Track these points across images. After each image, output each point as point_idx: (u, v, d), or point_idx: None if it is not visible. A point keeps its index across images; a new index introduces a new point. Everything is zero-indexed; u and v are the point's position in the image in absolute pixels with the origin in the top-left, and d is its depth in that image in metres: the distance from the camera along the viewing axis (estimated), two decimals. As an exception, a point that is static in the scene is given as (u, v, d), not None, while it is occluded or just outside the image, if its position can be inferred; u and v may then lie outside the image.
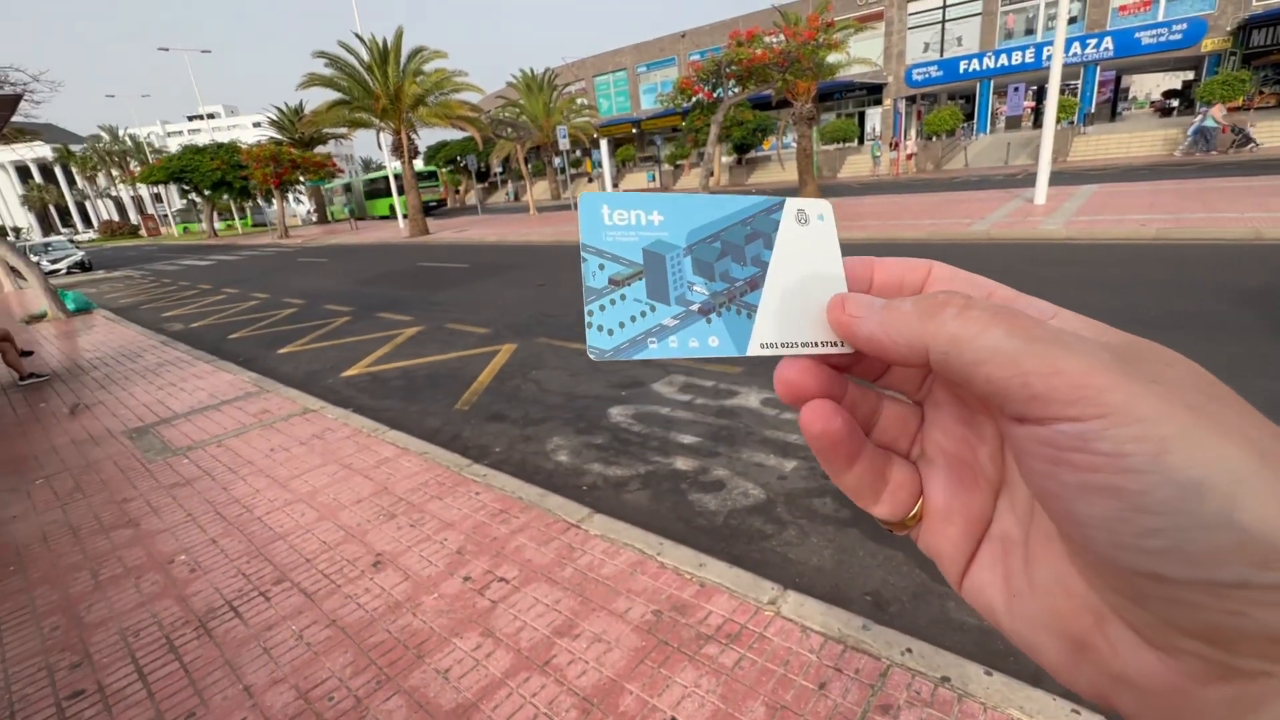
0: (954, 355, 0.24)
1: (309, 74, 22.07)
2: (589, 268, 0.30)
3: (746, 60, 12.56)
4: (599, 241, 0.31)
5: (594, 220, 0.31)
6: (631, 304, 0.30)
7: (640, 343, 0.30)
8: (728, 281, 0.32)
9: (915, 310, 0.26)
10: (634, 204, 0.32)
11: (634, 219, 0.31)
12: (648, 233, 0.31)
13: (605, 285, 0.30)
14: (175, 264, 24.30)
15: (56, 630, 2.80)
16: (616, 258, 0.31)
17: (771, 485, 3.60)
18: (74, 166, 59.10)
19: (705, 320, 0.31)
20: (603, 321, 0.30)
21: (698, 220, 0.32)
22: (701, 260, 0.32)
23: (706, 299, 0.32)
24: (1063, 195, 13.64)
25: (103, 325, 11.28)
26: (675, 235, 0.32)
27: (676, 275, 0.31)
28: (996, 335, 0.23)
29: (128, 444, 5.06)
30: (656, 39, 37.20)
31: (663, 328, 0.31)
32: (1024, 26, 27.00)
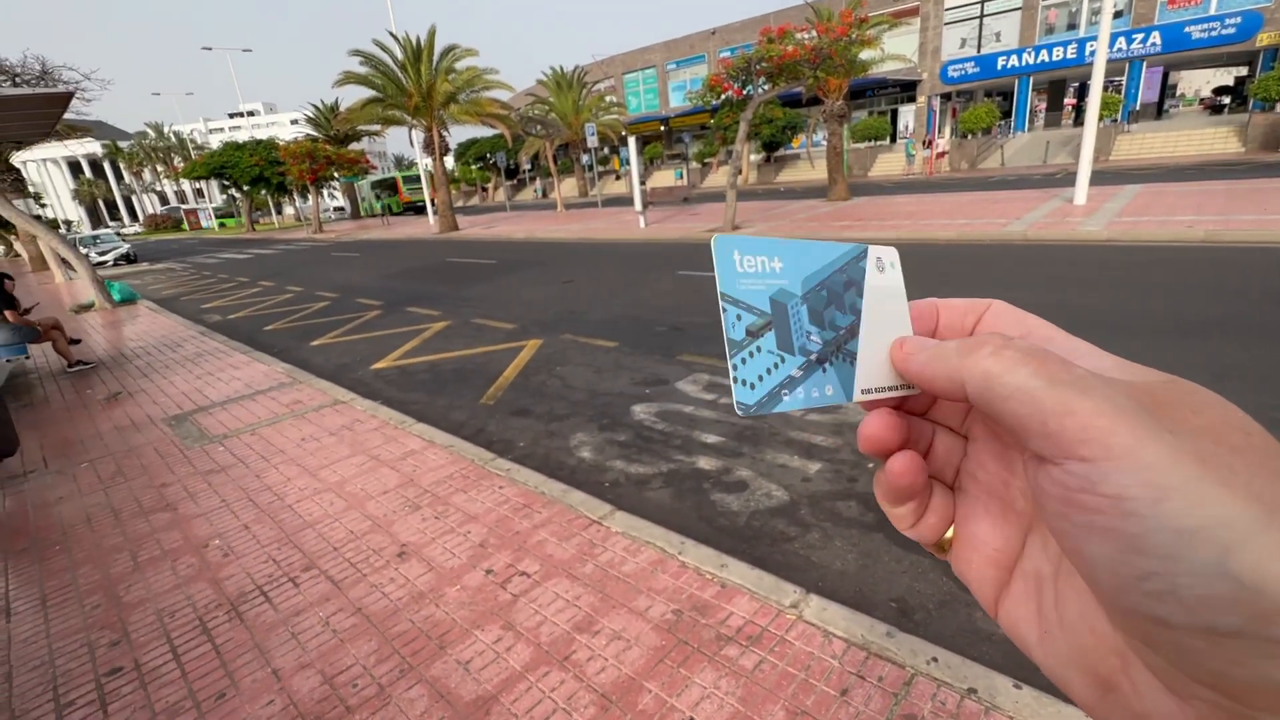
0: (986, 390, 0.26)
1: (345, 72, 22.51)
2: (729, 319, 0.31)
3: (777, 57, 12.41)
4: (735, 290, 0.31)
5: (728, 267, 0.31)
6: (766, 356, 0.31)
7: (776, 396, 0.31)
8: (834, 330, 0.33)
9: (957, 349, 0.28)
10: (760, 249, 0.32)
11: (760, 265, 0.32)
12: (772, 280, 0.32)
13: (744, 338, 0.31)
14: (215, 257, 25.03)
15: (97, 609, 2.91)
16: (751, 308, 0.31)
17: (795, 487, 3.56)
18: (121, 162, 61.32)
19: (822, 370, 0.32)
20: (746, 375, 0.31)
21: (809, 267, 0.33)
22: (814, 309, 0.33)
23: (821, 348, 0.33)
24: (1104, 195, 13.21)
25: (146, 315, 11.68)
26: (793, 283, 0.33)
27: (798, 325, 0.32)
28: (1023, 374, 0.24)
29: (167, 431, 5.23)
30: (686, 36, 37.04)
31: (791, 379, 0.32)
32: (1066, 21, 26.20)
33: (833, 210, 16.29)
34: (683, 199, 25.66)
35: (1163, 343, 5.06)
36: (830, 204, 17.84)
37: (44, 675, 2.50)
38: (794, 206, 18.48)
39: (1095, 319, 5.80)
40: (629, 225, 17.58)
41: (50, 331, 7.59)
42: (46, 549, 3.49)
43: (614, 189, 39.32)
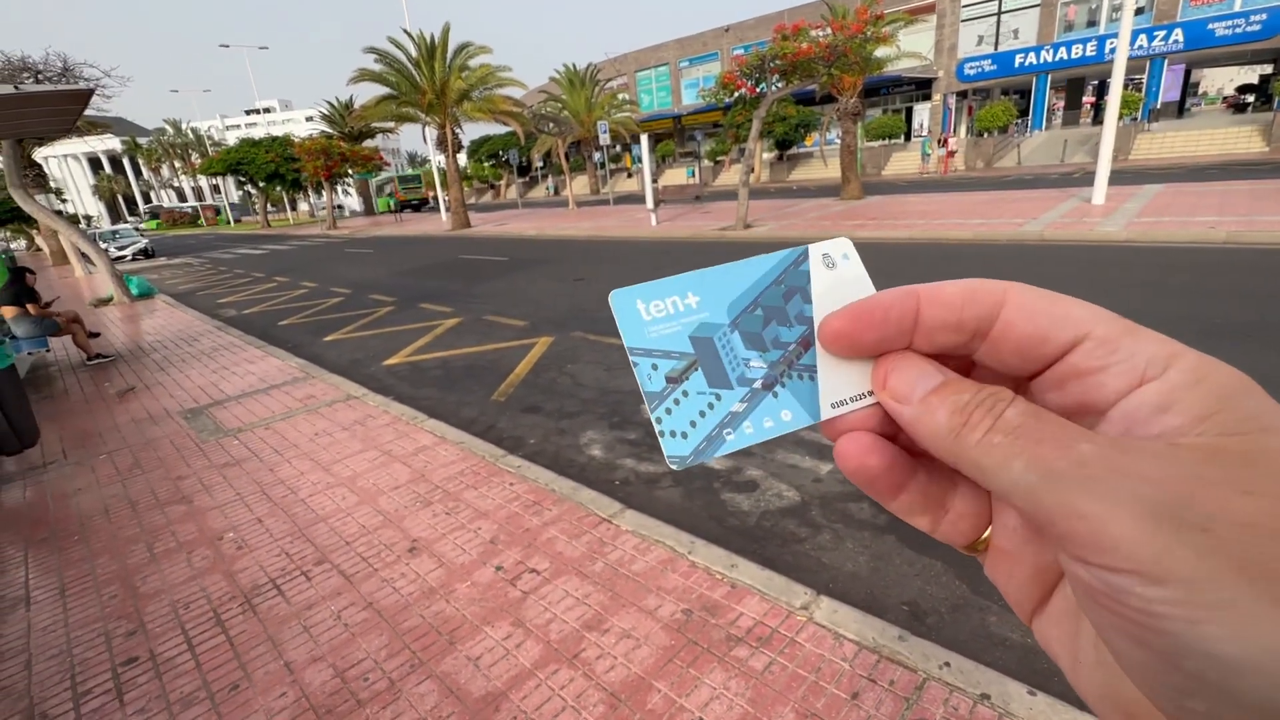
0: (987, 484, 0.23)
1: (359, 69, 22.65)
2: (642, 372, 0.29)
3: (791, 54, 12.33)
4: (643, 341, 0.29)
5: (632, 320, 0.30)
6: (696, 399, 0.29)
7: (716, 439, 0.29)
8: (780, 348, 0.30)
9: (946, 425, 0.24)
10: (666, 291, 0.30)
11: (671, 307, 0.30)
12: (689, 318, 0.30)
13: (664, 386, 0.29)
14: (231, 252, 25.31)
15: (114, 599, 2.95)
16: (666, 353, 0.29)
17: (806, 488, 3.53)
18: (140, 158, 62.12)
19: (772, 395, 0.30)
20: (673, 426, 0.29)
21: (732, 291, 0.31)
22: (749, 332, 0.30)
23: (766, 372, 0.30)
24: (1123, 195, 13.02)
25: (163, 310, 11.83)
26: (716, 313, 0.30)
27: (730, 355, 0.30)
28: (1016, 470, 0.21)
29: (183, 424, 5.30)
30: (699, 33, 36.92)
31: (733, 415, 0.29)
32: (1086, 18, 25.83)
33: (845, 209, 16.18)
34: (695, 197, 25.59)
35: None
36: (843, 202, 17.73)
37: (62, 664, 2.54)
38: (806, 205, 18.38)
39: (1113, 321, 5.72)
40: (640, 223, 17.57)
41: (70, 325, 7.71)
42: (65, 539, 3.54)
43: (625, 186, 39.30)
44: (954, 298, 0.27)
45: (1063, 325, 0.25)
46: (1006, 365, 0.27)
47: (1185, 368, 0.22)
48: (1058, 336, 0.25)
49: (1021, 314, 0.25)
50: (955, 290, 0.27)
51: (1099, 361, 0.24)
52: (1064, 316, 0.25)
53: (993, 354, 0.27)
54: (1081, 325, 0.25)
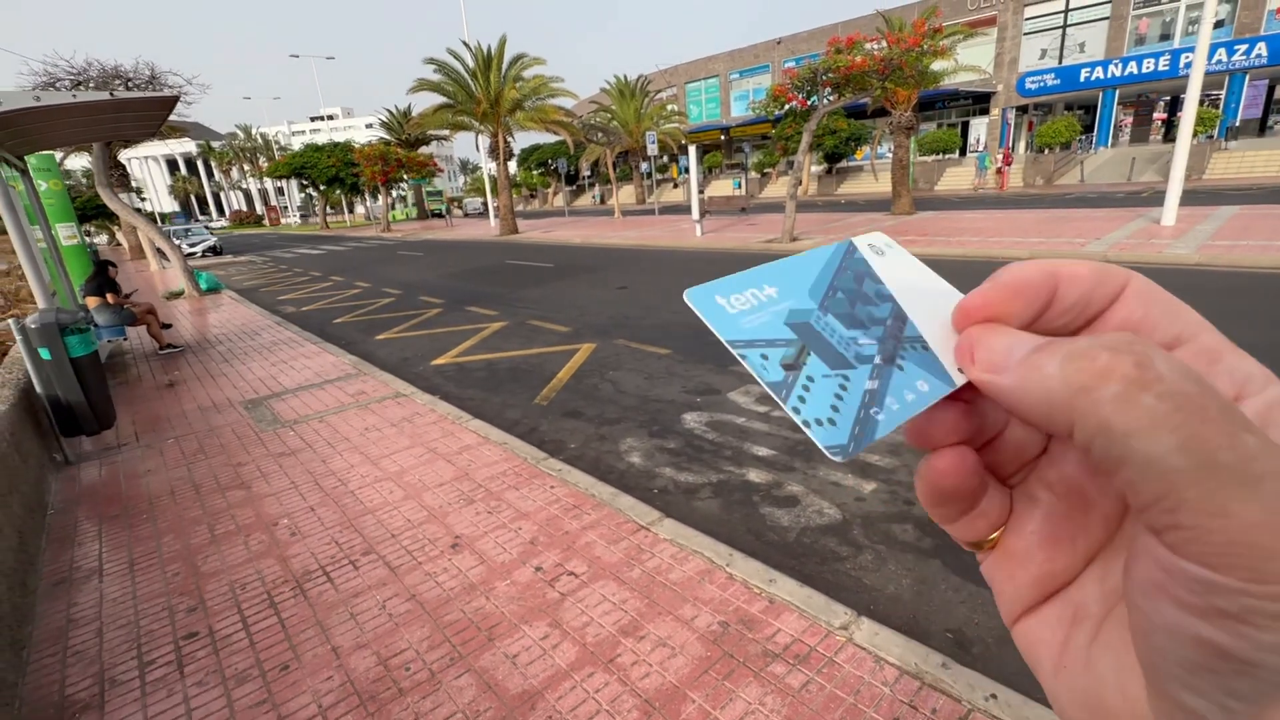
0: (1099, 446, 0.19)
1: (419, 79, 23.50)
2: (754, 364, 0.27)
3: (844, 67, 12.21)
4: (740, 333, 0.27)
5: (719, 314, 0.28)
6: (824, 383, 0.27)
7: (868, 420, 0.26)
8: (879, 324, 0.29)
9: (1062, 377, 0.20)
10: (742, 285, 0.29)
11: (752, 299, 0.29)
12: (775, 306, 0.28)
13: (784, 375, 0.27)
14: (291, 252, 26.46)
15: (178, 576, 3.11)
16: (770, 341, 0.27)
17: (848, 506, 3.47)
18: (213, 161, 65.73)
19: (897, 368, 0.27)
20: (815, 414, 0.26)
21: (805, 279, 0.30)
22: (841, 313, 0.29)
23: (879, 346, 0.28)
24: (1196, 216, 12.37)
25: (228, 304, 12.46)
26: (800, 299, 0.29)
27: (835, 335, 0.28)
28: (1166, 444, 0.18)
29: (244, 414, 5.56)
30: (750, 46, 36.91)
31: (871, 393, 0.27)
32: (1159, 31, 24.74)
33: (896, 224, 15.85)
34: (740, 209, 25.50)
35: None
36: (893, 218, 17.38)
37: (130, 634, 2.70)
38: (855, 219, 18.09)
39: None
40: (685, 233, 17.60)
41: (146, 316, 8.20)
42: (135, 517, 3.76)
43: (671, 197, 39.45)
44: (1088, 277, 0.25)
45: (1173, 319, 0.24)
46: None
47: None
48: (1166, 329, 0.24)
49: (1138, 298, 0.24)
50: (1087, 270, 0.25)
51: (1200, 367, 0.23)
52: (1177, 314, 0.24)
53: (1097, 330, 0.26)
54: (1190, 327, 0.24)
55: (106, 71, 13.23)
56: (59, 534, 3.63)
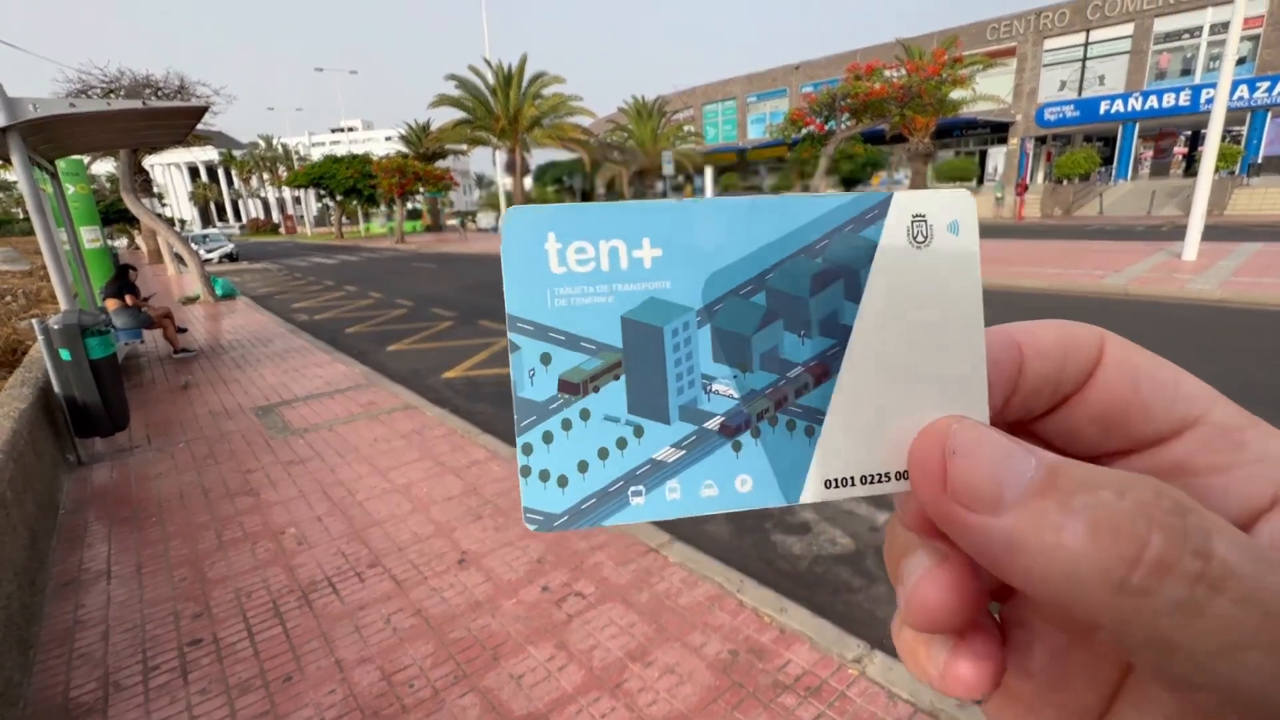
0: (1154, 663, 0.14)
1: (439, 95, 23.95)
2: (522, 363, 0.19)
3: (863, 94, 12.31)
4: (537, 309, 0.18)
5: (529, 265, 0.18)
6: (600, 427, 0.19)
7: (615, 499, 0.19)
8: (775, 370, 0.19)
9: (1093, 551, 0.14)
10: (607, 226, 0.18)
11: (606, 258, 0.18)
12: (630, 283, 0.18)
13: (551, 396, 0.19)
14: (306, 260, 26.80)
15: (184, 581, 3.10)
16: (573, 338, 0.18)
17: (862, 536, 3.42)
18: (234, 169, 67.04)
19: (731, 446, 0.19)
20: (549, 464, 0.19)
21: (729, 249, 0.18)
22: (730, 332, 0.19)
23: (735, 406, 0.19)
24: (1218, 252, 12.27)
25: (243, 311, 12.60)
26: (683, 283, 0.18)
27: (683, 365, 0.19)
28: (1262, 668, 0.13)
29: (255, 420, 5.59)
30: (769, 70, 37.32)
31: (655, 465, 0.19)
32: (1180, 66, 24.80)
33: (910, 250, 15.83)
34: (754, 230, 25.61)
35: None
36: (907, 243, 17.37)
37: (135, 638, 2.68)
38: (869, 244, 18.08)
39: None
40: (699, 253, 17.66)
41: (162, 320, 8.30)
42: (145, 520, 3.77)
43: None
44: (1053, 346, 0.20)
45: (1173, 398, 0.19)
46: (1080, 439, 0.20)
47: None
48: (1165, 411, 0.19)
49: (1121, 374, 0.19)
50: (1053, 335, 0.20)
51: (1219, 458, 0.18)
52: (1174, 389, 0.19)
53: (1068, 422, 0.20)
54: (1196, 403, 0.19)
55: (138, 81, 13.58)
56: (69, 534, 3.64)
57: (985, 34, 28.37)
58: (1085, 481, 0.15)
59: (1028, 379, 0.20)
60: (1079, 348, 0.20)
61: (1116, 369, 0.20)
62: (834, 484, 0.20)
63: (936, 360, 0.19)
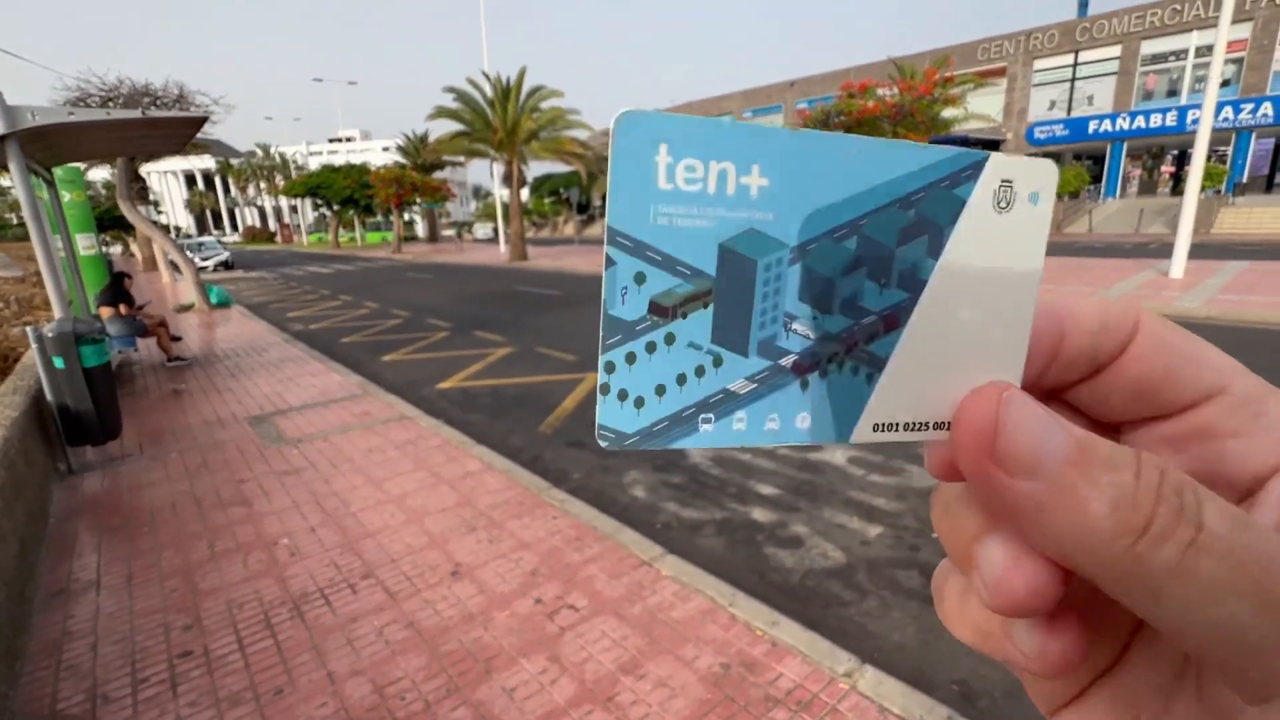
0: (1148, 612, 0.17)
1: (438, 107, 24.07)
2: (615, 279, 0.18)
3: (856, 111, 12.49)
4: (638, 225, 0.18)
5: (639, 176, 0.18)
6: (682, 354, 0.19)
7: (686, 423, 0.19)
8: (852, 316, 0.20)
9: (1110, 521, 0.17)
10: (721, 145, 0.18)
11: (714, 180, 0.18)
12: (734, 211, 0.19)
13: (640, 317, 0.19)
14: (301, 269, 26.78)
15: (175, 592, 3.09)
16: (669, 259, 0.18)
17: (853, 550, 3.44)
18: (231, 177, 67.06)
19: (799, 383, 0.20)
20: (628, 384, 0.19)
21: (832, 189, 0.19)
22: (819, 274, 0.20)
23: (810, 346, 0.20)
24: (1205, 270, 12.44)
25: (237, 320, 12.57)
26: (785, 218, 0.19)
27: (769, 301, 0.19)
28: (1236, 610, 0.16)
29: (249, 429, 5.57)
30: (764, 86, 37.77)
31: (727, 396, 0.20)
32: (1166, 88, 25.27)
33: (903, 265, 15.98)
34: (749, 244, 25.75)
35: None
36: (901, 259, 17.52)
37: (124, 649, 2.67)
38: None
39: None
40: (694, 266, 17.75)
41: (157, 328, 8.28)
42: (136, 530, 3.75)
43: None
44: (1093, 320, 0.21)
45: (1199, 369, 0.21)
46: (1108, 407, 0.22)
47: None
48: (1191, 382, 0.21)
49: (1153, 347, 0.21)
50: (1092, 311, 0.22)
51: (1239, 423, 0.20)
52: (1201, 360, 0.21)
53: (1101, 390, 0.22)
54: (1221, 374, 0.21)
55: (137, 89, 13.62)
56: (59, 544, 3.62)
57: (976, 54, 28.85)
58: (1109, 461, 0.17)
59: (1067, 350, 0.22)
60: (1116, 323, 0.21)
61: (1150, 344, 0.21)
62: (881, 428, 0.21)
63: (990, 324, 0.21)
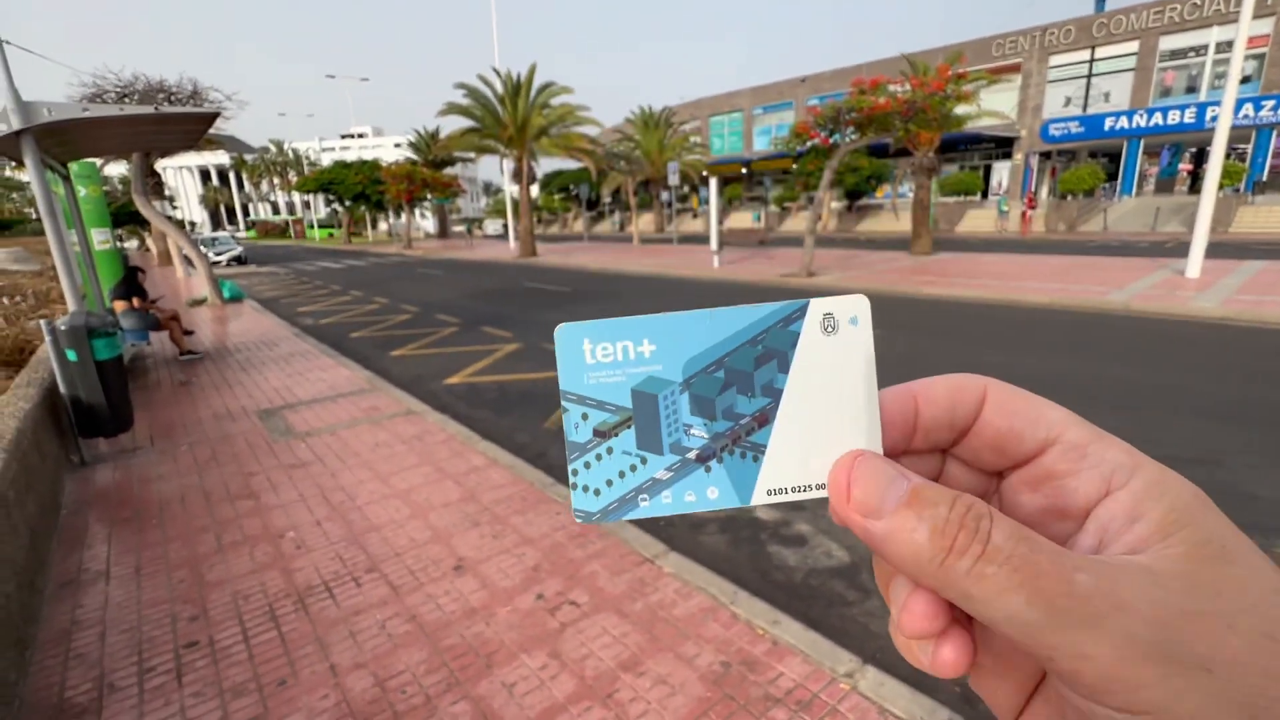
0: (972, 612, 0.22)
1: (448, 103, 24.13)
2: (570, 420, 0.28)
3: (868, 108, 12.38)
4: (579, 386, 0.28)
5: (574, 359, 0.28)
6: (619, 458, 0.28)
7: (630, 501, 0.28)
8: (731, 419, 0.28)
9: (928, 550, 0.22)
10: (620, 333, 0.28)
11: (620, 353, 0.28)
12: (637, 368, 0.28)
13: (589, 439, 0.28)
14: (313, 265, 26.97)
15: (182, 583, 3.13)
16: (601, 404, 0.28)
17: (857, 548, 3.42)
18: (245, 173, 67.65)
19: (704, 469, 0.28)
20: (588, 481, 0.28)
21: (697, 345, 0.28)
22: (701, 396, 0.28)
23: (706, 444, 0.28)
24: (1221, 270, 12.25)
25: (249, 314, 12.68)
26: (670, 368, 0.28)
27: (671, 418, 0.28)
28: (1014, 603, 0.20)
29: (258, 423, 5.62)
30: (775, 83, 37.55)
31: (655, 482, 0.28)
32: (1185, 84, 24.85)
33: (914, 264, 15.85)
34: (759, 241, 25.68)
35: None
36: (912, 258, 17.39)
37: (131, 639, 2.70)
38: (873, 257, 18.12)
39: (1202, 406, 5.34)
40: (703, 264, 17.72)
41: (169, 322, 8.37)
42: (145, 521, 3.79)
43: (690, 227, 39.84)
44: (943, 395, 0.27)
45: (1036, 425, 0.26)
46: (982, 461, 0.28)
47: (1149, 479, 0.24)
48: (1032, 436, 0.26)
49: (999, 411, 0.27)
50: (943, 387, 0.27)
51: (1070, 465, 0.25)
52: (1038, 417, 0.26)
53: (970, 449, 0.28)
54: (1054, 427, 0.26)
55: (152, 86, 13.74)
56: (70, 535, 3.67)
57: (990, 50, 28.51)
58: (931, 500, 0.23)
59: (923, 420, 0.27)
60: (965, 395, 0.27)
61: (996, 408, 0.27)
62: (774, 492, 0.28)
63: (844, 410, 0.28)
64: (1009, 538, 0.21)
